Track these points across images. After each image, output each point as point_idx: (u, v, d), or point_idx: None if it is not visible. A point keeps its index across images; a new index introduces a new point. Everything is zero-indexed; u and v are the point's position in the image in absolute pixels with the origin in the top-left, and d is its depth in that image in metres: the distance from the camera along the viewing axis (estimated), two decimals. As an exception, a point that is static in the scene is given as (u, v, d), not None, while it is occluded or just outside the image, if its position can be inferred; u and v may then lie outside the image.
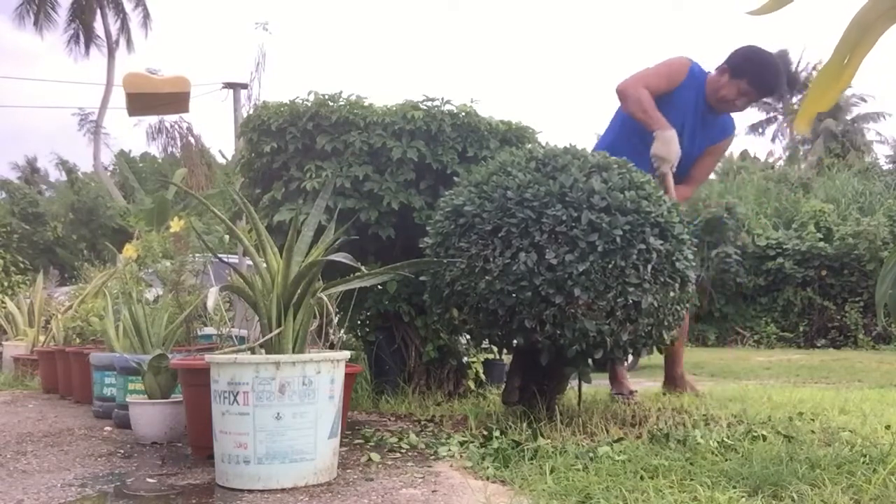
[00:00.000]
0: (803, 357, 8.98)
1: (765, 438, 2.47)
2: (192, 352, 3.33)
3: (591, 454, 2.23)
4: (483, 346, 3.81)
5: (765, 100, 3.80)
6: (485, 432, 2.64)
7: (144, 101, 6.85)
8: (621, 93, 3.73)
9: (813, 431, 2.65)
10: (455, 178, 3.19)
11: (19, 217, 19.56)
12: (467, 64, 75.61)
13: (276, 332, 2.21)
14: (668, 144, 3.58)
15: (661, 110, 3.65)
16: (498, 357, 4.24)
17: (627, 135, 3.77)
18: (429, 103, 3.71)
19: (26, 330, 6.66)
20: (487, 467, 2.18)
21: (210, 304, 2.35)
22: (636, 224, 2.60)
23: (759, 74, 3.78)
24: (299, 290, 2.24)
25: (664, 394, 3.96)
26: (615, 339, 2.60)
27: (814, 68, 29.15)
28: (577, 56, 76.88)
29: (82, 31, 25.44)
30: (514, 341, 2.73)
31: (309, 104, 3.69)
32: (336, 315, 3.05)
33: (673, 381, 4.09)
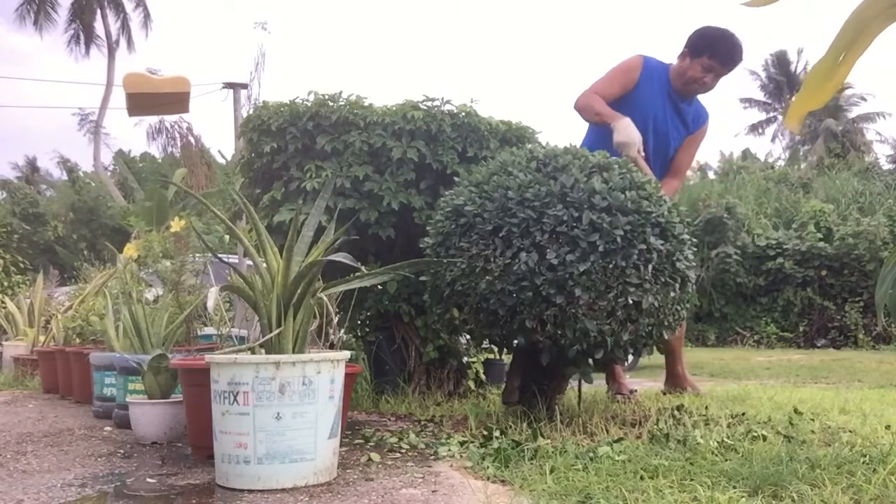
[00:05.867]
0: (803, 357, 8.98)
1: (765, 438, 2.47)
2: (192, 352, 3.33)
3: (591, 454, 2.23)
4: (483, 346, 3.81)
5: (730, 70, 3.91)
6: (485, 432, 2.64)
7: (144, 101, 6.85)
8: (576, 106, 3.78)
9: (813, 431, 2.64)
10: (455, 178, 3.18)
11: (19, 217, 19.56)
12: (467, 64, 75.59)
13: (276, 332, 2.20)
14: (624, 130, 3.58)
15: (623, 111, 3.67)
16: (498, 357, 4.23)
17: (602, 140, 3.76)
18: (429, 103, 3.71)
19: (26, 330, 6.65)
20: (487, 467, 2.18)
21: (210, 304, 2.35)
22: (637, 224, 2.60)
23: (717, 47, 3.83)
24: (299, 290, 2.24)
25: (665, 393, 3.97)
26: (616, 339, 2.60)
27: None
28: (578, 56, 76.84)
29: (82, 31, 25.47)
30: (515, 341, 2.73)
31: (309, 104, 3.69)
32: (336, 315, 3.05)
33: (675, 379, 4.10)
